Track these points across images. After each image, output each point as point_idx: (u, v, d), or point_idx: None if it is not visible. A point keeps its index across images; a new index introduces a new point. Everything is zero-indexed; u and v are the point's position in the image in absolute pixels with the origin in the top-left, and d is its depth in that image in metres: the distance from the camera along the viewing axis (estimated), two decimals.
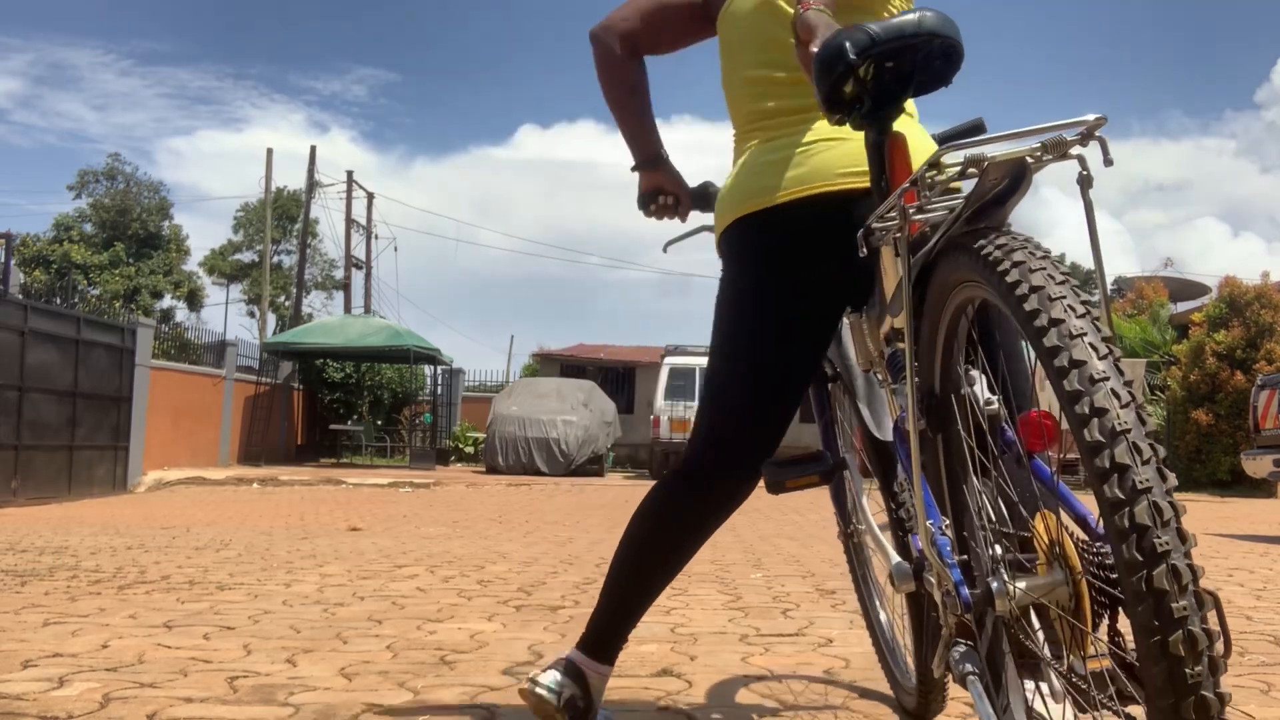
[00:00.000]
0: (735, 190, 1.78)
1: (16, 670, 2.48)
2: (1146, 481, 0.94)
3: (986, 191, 1.18)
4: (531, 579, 4.37)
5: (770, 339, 1.76)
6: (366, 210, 29.63)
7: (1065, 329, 1.00)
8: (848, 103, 1.42)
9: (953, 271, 1.24)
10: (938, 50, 1.38)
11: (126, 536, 6.32)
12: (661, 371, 18.69)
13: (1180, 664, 0.90)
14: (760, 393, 1.78)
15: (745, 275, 1.78)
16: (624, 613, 1.92)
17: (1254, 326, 16.88)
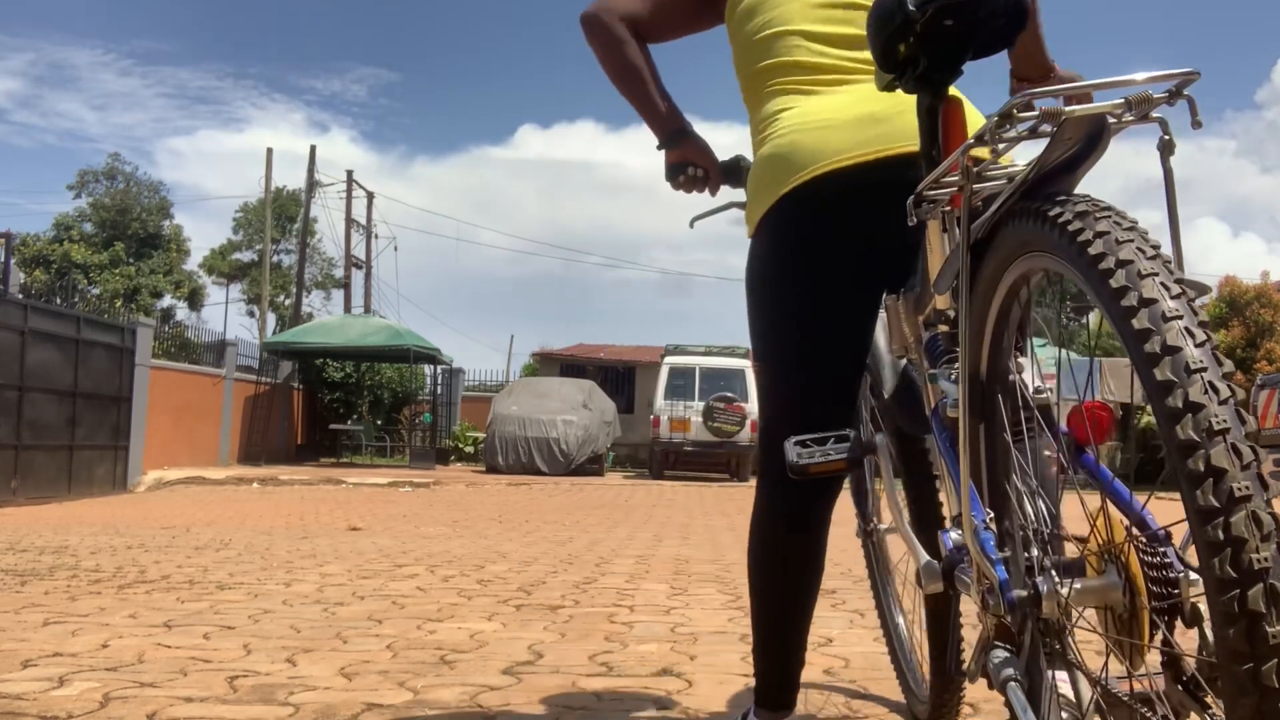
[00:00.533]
0: (770, 164, 1.62)
1: (16, 670, 2.48)
2: (1224, 422, 0.83)
3: (1060, 153, 1.05)
4: (531, 579, 4.38)
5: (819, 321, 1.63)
6: (366, 210, 29.65)
7: (1158, 310, 0.88)
8: (903, 62, 1.30)
9: (1015, 243, 1.09)
10: (1002, 7, 1.25)
11: (126, 536, 6.32)
12: (661, 371, 18.68)
13: (1260, 621, 0.79)
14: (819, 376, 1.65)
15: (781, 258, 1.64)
16: (784, 655, 1.75)
17: (1254, 326, 16.90)
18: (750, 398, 18.21)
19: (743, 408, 17.88)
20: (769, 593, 1.74)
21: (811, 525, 1.72)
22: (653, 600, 3.80)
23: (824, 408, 1.65)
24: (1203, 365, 0.85)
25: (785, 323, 1.67)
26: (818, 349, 1.64)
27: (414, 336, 19.71)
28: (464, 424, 22.94)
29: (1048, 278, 1.13)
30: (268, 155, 29.58)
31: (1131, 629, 1.03)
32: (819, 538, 1.73)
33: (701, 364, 18.61)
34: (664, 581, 4.35)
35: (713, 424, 17.71)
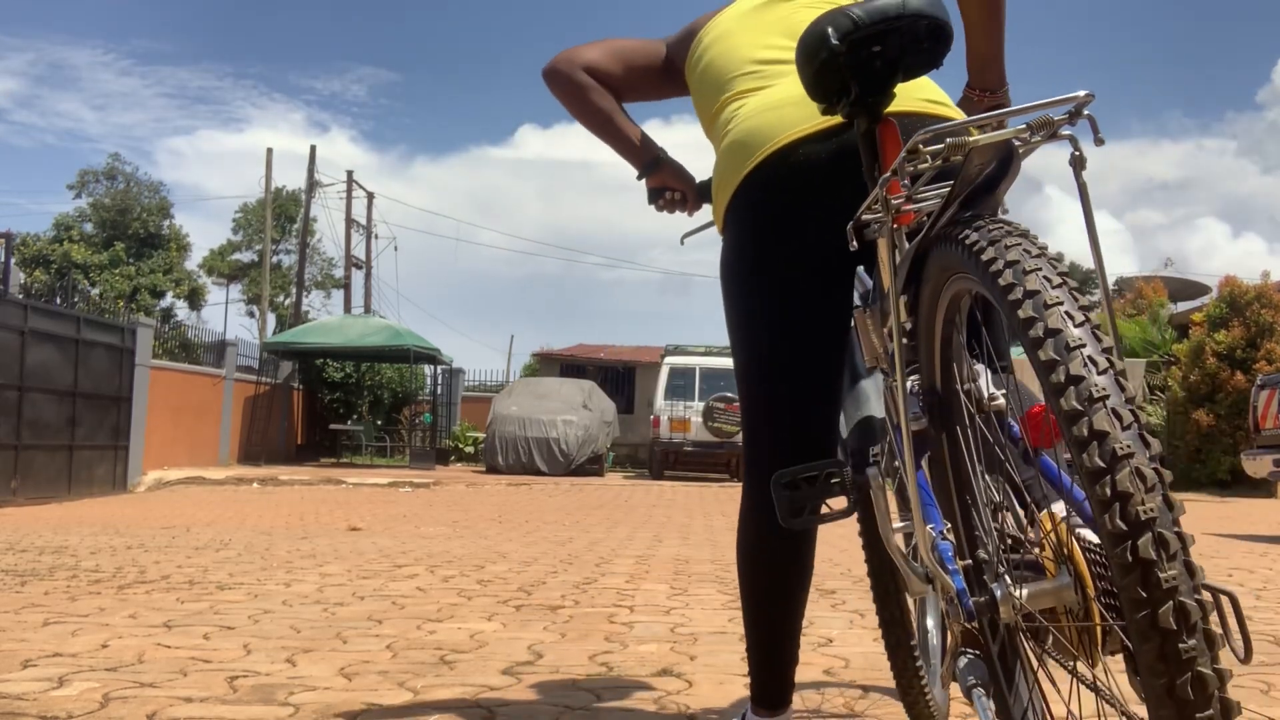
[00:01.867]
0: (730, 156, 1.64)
1: (16, 670, 2.48)
2: (1128, 447, 0.88)
3: (973, 177, 1.13)
4: (531, 579, 4.37)
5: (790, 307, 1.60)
6: (366, 210, 29.65)
7: (1040, 300, 0.96)
8: (835, 91, 1.35)
9: (942, 263, 1.18)
10: (924, 31, 1.30)
11: (126, 536, 6.32)
12: (661, 371, 18.69)
13: (1173, 637, 0.82)
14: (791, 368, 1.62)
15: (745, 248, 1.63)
16: (777, 654, 1.74)
17: (1254, 326, 16.88)
18: None
19: None
20: (758, 594, 1.73)
21: (797, 540, 1.69)
22: (653, 600, 3.80)
23: (802, 402, 1.62)
24: (1081, 342, 0.92)
25: (755, 311, 1.64)
26: (790, 337, 1.61)
27: (414, 336, 19.71)
28: (464, 424, 22.93)
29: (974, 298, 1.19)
30: (268, 155, 29.60)
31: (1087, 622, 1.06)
32: (806, 540, 1.71)
33: (701, 364, 18.62)
34: (664, 581, 4.35)
35: (713, 424, 17.71)
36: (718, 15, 1.81)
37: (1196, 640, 0.84)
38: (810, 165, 1.54)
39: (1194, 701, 0.83)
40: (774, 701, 1.73)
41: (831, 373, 1.62)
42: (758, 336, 1.64)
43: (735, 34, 1.74)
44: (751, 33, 1.72)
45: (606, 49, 1.89)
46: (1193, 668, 0.83)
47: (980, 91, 1.70)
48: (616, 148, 1.92)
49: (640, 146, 1.91)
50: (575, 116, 1.91)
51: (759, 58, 1.68)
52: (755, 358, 1.65)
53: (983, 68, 1.68)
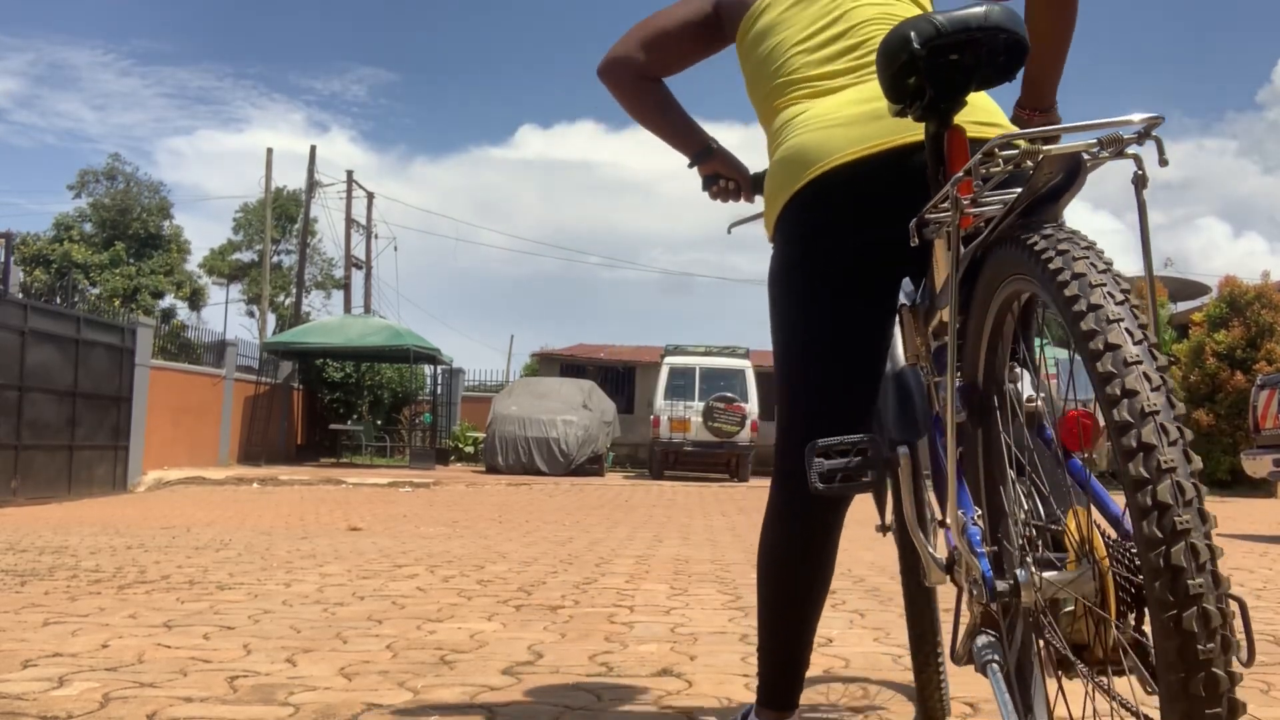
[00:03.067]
0: (784, 166, 1.68)
1: (16, 670, 2.48)
2: (1171, 462, 0.93)
3: (1040, 186, 1.18)
4: (531, 579, 4.37)
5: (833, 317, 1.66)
6: (366, 210, 29.65)
7: (1103, 314, 1.01)
8: (910, 92, 1.38)
9: (1001, 265, 1.24)
10: (1002, 45, 1.34)
11: (126, 536, 6.32)
12: (661, 371, 18.68)
13: (1192, 640, 0.89)
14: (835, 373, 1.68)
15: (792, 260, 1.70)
16: (789, 656, 1.75)
17: (1254, 326, 16.89)
18: (750, 398, 18.24)
19: (743, 408, 17.88)
20: (778, 595, 1.75)
21: (824, 531, 1.72)
22: (653, 600, 3.80)
23: (837, 405, 1.67)
24: (1139, 359, 0.98)
25: (798, 319, 1.70)
26: (830, 345, 1.67)
27: (414, 336, 19.71)
28: (464, 424, 22.93)
29: (1031, 300, 1.25)
30: (268, 155, 29.60)
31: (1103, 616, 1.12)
32: (831, 543, 1.73)
33: (701, 364, 18.61)
34: (664, 582, 4.35)
35: (713, 424, 17.71)
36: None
37: (1215, 645, 0.89)
38: (855, 187, 1.60)
39: (1205, 699, 0.89)
40: (782, 703, 1.73)
41: (870, 372, 1.67)
42: (798, 339, 1.71)
43: (790, 23, 1.76)
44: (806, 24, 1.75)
45: (653, 38, 1.91)
46: (1208, 668, 0.90)
47: (1031, 110, 1.75)
48: (668, 139, 1.99)
49: (690, 137, 1.98)
50: (628, 112, 1.98)
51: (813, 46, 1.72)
52: (794, 358, 1.71)
53: (1039, 87, 1.74)
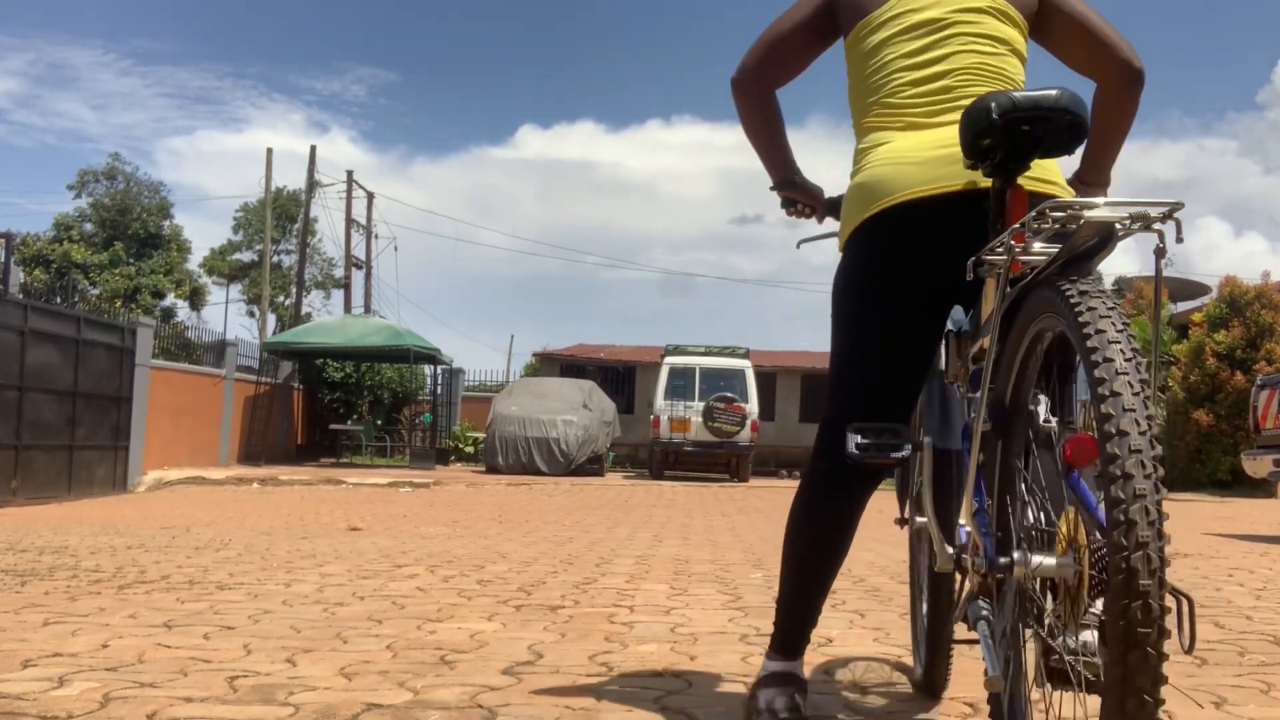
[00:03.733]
0: (858, 194, 1.93)
1: (16, 670, 2.48)
2: (1146, 489, 1.21)
3: (1078, 246, 1.42)
4: (531, 579, 4.37)
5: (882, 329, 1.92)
6: (366, 210, 29.65)
7: (1114, 367, 1.27)
8: (984, 152, 1.65)
9: (1039, 305, 1.49)
10: (1066, 124, 1.60)
11: (126, 536, 6.32)
12: (661, 371, 18.68)
13: (1134, 624, 1.18)
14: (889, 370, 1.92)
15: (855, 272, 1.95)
16: (802, 612, 2.05)
17: (1254, 326, 16.88)
18: (750, 398, 18.24)
19: (743, 408, 17.89)
20: (800, 557, 2.02)
21: (848, 509, 1.99)
22: (653, 600, 3.80)
23: (876, 401, 1.91)
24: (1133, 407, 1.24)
25: (853, 325, 1.96)
26: (883, 354, 1.92)
27: (414, 336, 19.70)
28: (464, 424, 22.93)
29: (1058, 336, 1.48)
30: (268, 155, 29.61)
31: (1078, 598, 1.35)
32: (852, 520, 2.00)
33: (701, 364, 18.62)
34: (664, 582, 4.35)
35: (713, 424, 17.72)
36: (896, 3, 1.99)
37: (1152, 631, 1.18)
38: (920, 220, 1.84)
39: (1139, 669, 1.18)
40: (791, 650, 2.05)
41: (910, 380, 1.94)
42: (850, 342, 1.97)
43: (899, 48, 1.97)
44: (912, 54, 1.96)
45: (774, 43, 2.11)
46: (1144, 648, 1.18)
47: (1086, 185, 2.06)
48: (764, 160, 2.24)
49: (784, 165, 2.22)
50: (743, 125, 2.21)
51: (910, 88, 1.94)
52: (848, 354, 1.97)
53: (1096, 166, 2.06)
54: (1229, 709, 2.24)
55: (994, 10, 1.97)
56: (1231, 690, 2.41)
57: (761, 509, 10.46)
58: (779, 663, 2.04)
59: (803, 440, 23.74)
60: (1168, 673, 1.19)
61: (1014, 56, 1.98)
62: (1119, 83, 1.97)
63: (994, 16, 1.97)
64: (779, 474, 21.05)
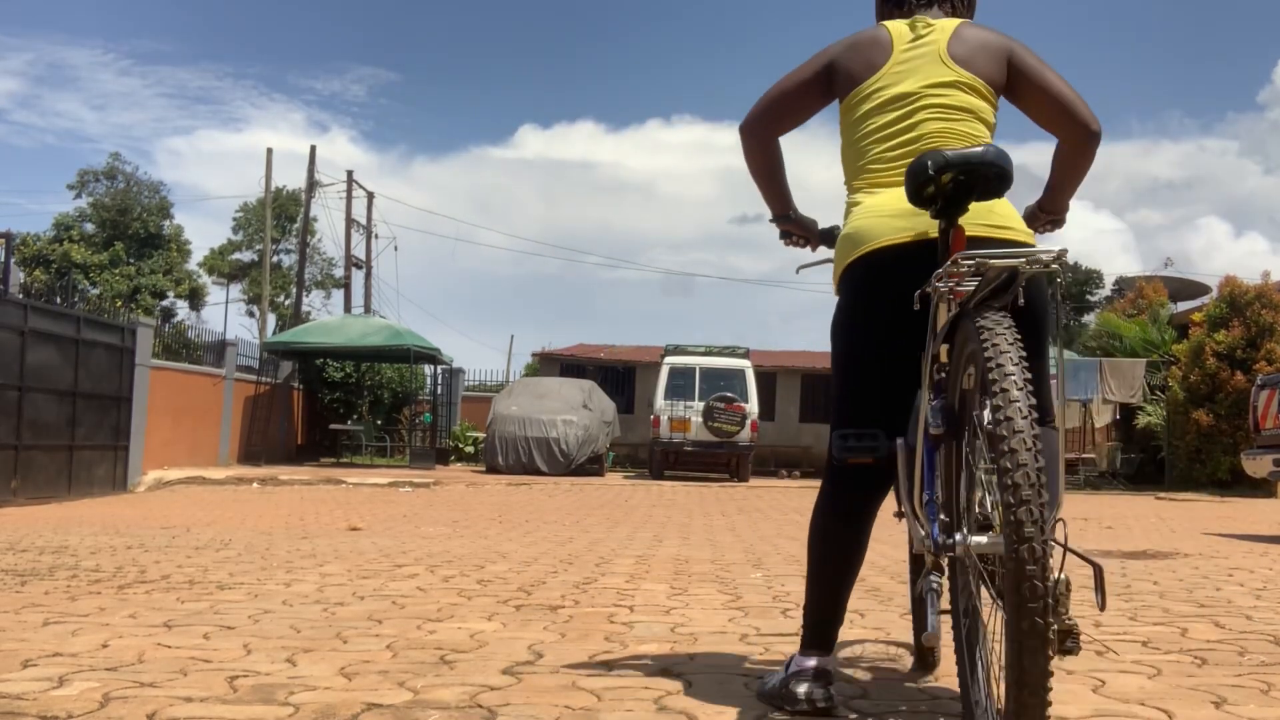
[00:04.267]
0: (844, 242, 2.29)
1: (16, 670, 2.48)
2: (1030, 495, 1.57)
3: (990, 283, 1.81)
4: (531, 579, 4.37)
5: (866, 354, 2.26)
6: (366, 210, 29.64)
7: (1010, 395, 1.65)
8: (927, 200, 2.02)
9: (965, 331, 1.86)
10: (993, 174, 1.98)
11: (126, 536, 6.32)
12: (661, 371, 18.66)
13: (1024, 598, 1.55)
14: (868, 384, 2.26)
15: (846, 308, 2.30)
16: (828, 609, 2.27)
17: (1254, 326, 16.87)
18: (750, 398, 18.24)
19: (743, 408, 17.88)
20: (820, 556, 2.28)
21: (854, 505, 2.27)
22: (653, 600, 3.80)
23: (864, 410, 2.24)
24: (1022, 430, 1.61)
25: (845, 353, 2.29)
26: (864, 373, 2.27)
27: (414, 336, 19.69)
28: (464, 424, 22.92)
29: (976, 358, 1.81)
30: (267, 155, 29.60)
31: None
32: (859, 517, 2.27)
33: (701, 364, 18.61)
34: (664, 581, 4.35)
35: (713, 424, 17.71)
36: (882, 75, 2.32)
37: (1037, 603, 1.55)
38: (891, 263, 2.19)
39: (1028, 632, 1.55)
40: (822, 645, 2.24)
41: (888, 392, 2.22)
42: (849, 361, 2.29)
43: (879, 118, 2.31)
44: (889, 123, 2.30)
45: (779, 98, 2.43)
46: (1031, 617, 1.55)
47: (1044, 213, 2.43)
48: (765, 197, 2.56)
49: (782, 202, 2.55)
50: (749, 165, 2.52)
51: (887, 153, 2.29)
52: (845, 373, 2.30)
53: (1054, 199, 2.41)
54: (1229, 709, 2.24)
55: (961, 84, 2.28)
56: (1231, 690, 2.41)
57: (761, 509, 10.46)
58: (813, 658, 2.22)
59: (802, 440, 23.73)
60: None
61: (979, 122, 2.28)
62: (1076, 141, 2.29)
63: (961, 90, 2.28)
64: (779, 474, 21.03)
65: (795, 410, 24.53)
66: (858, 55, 2.35)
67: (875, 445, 2.17)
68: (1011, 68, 2.30)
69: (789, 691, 2.17)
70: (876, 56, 2.33)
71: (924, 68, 2.29)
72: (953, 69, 2.28)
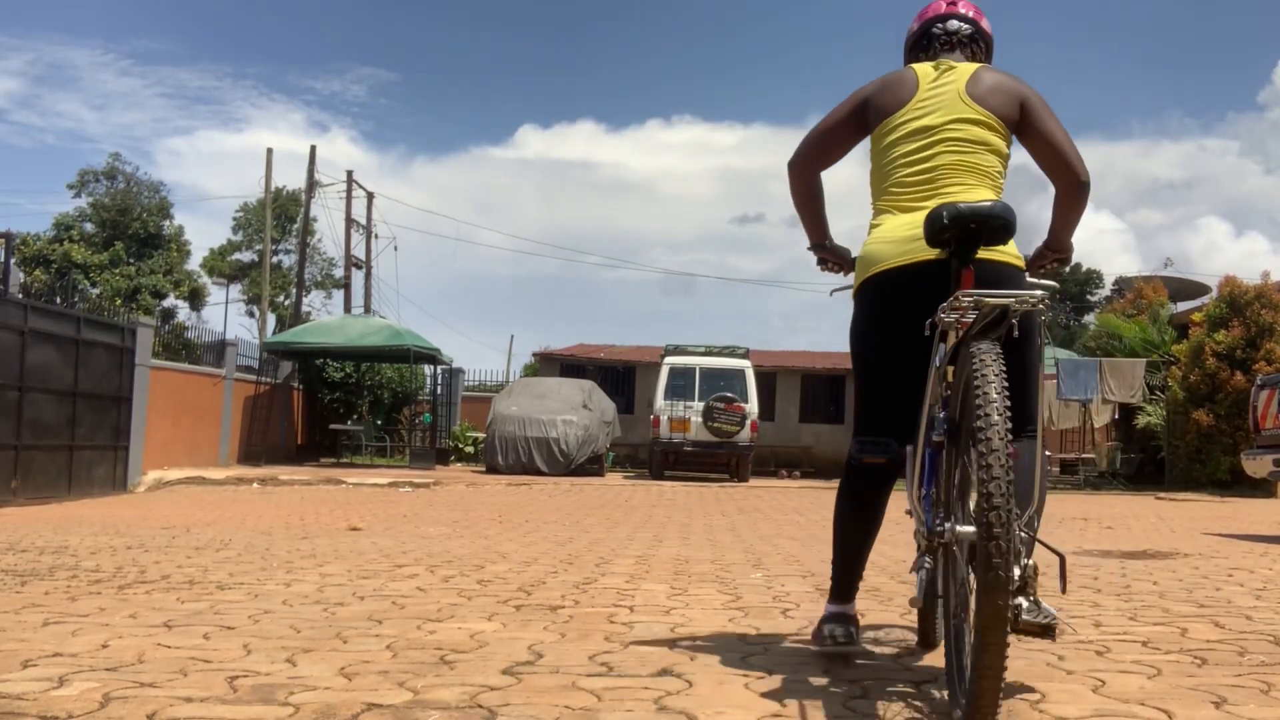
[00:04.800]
0: (861, 261, 2.66)
1: (16, 670, 2.48)
2: (1000, 503, 1.91)
3: (985, 318, 2.13)
4: (531, 579, 4.37)
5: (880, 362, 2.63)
6: (366, 210, 29.63)
7: (991, 435, 1.97)
8: (943, 242, 2.33)
9: (964, 357, 2.16)
10: (999, 225, 2.30)
11: (126, 536, 6.32)
12: (661, 371, 18.66)
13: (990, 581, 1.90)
14: (877, 397, 2.65)
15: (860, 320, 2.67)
16: (851, 568, 2.75)
17: (1254, 326, 16.86)
18: (750, 398, 18.23)
19: (743, 408, 17.87)
20: (842, 529, 2.74)
21: (870, 500, 2.71)
22: (653, 600, 3.80)
23: (882, 419, 2.62)
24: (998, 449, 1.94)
25: (861, 361, 2.68)
26: (878, 379, 2.64)
27: (414, 336, 19.69)
28: (464, 424, 22.91)
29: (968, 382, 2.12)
30: (267, 155, 29.60)
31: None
32: (871, 504, 2.72)
33: (701, 364, 18.60)
34: (664, 582, 4.35)
35: (713, 424, 17.71)
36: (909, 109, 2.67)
37: (1000, 586, 1.88)
38: (894, 282, 2.55)
39: (992, 612, 1.88)
40: (844, 596, 2.74)
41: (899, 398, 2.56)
42: (865, 368, 2.67)
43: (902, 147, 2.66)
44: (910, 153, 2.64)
45: (820, 136, 2.80)
46: (994, 600, 1.89)
47: (1050, 251, 2.73)
48: (806, 224, 2.89)
49: (819, 232, 2.89)
50: (795, 196, 2.86)
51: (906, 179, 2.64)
52: (862, 379, 2.70)
53: (1056, 239, 2.72)
54: (1229, 709, 2.24)
55: (978, 120, 2.61)
56: (1231, 690, 2.41)
57: (761, 509, 10.45)
58: (836, 605, 2.72)
59: (802, 440, 23.72)
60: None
61: (992, 154, 2.62)
62: (1069, 189, 2.64)
63: (977, 125, 2.61)
64: (779, 474, 21.02)
65: (795, 410, 24.51)
66: (888, 93, 2.70)
67: (888, 449, 2.58)
68: (1024, 112, 2.62)
69: (818, 630, 2.71)
70: (904, 93, 2.68)
71: (945, 105, 2.63)
72: (971, 106, 2.61)
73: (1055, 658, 2.76)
